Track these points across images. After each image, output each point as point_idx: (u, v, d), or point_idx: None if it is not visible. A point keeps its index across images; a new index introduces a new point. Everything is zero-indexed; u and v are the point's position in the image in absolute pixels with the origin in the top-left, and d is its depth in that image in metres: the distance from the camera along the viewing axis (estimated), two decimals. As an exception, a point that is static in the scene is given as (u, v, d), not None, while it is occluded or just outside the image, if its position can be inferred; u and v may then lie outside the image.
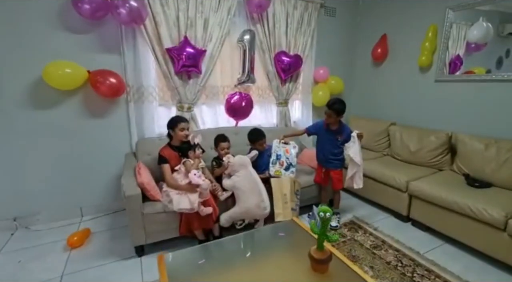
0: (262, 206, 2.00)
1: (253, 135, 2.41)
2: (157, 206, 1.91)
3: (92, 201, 2.54)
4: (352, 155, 2.14)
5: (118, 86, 2.30)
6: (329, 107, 2.16)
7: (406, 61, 3.09)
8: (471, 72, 2.59)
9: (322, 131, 2.32)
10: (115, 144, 2.53)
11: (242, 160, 2.12)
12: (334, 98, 2.19)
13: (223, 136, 2.32)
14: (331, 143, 2.27)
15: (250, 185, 2.03)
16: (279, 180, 2.22)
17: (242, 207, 2.00)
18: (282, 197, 2.16)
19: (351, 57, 3.69)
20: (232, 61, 2.91)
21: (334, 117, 2.17)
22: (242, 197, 2.01)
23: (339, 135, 2.25)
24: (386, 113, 3.31)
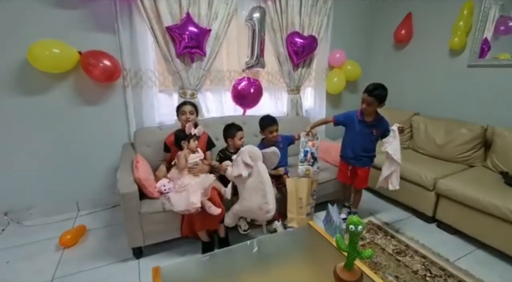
0: (265, 209, 1.68)
1: (264, 120, 2.10)
2: (155, 204, 1.71)
3: (89, 195, 2.37)
4: (392, 152, 1.86)
5: (113, 70, 2.07)
6: (369, 94, 1.84)
7: (434, 44, 2.75)
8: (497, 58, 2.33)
9: (354, 123, 1.99)
10: (112, 134, 2.32)
11: (252, 151, 1.77)
12: (374, 83, 1.87)
13: (236, 126, 2.03)
14: (364, 137, 1.97)
15: (255, 183, 1.71)
16: (296, 181, 1.96)
17: (243, 205, 1.75)
18: (297, 201, 1.94)
19: (369, 39, 3.36)
20: (240, 43, 2.63)
21: (374, 106, 1.87)
22: (244, 194, 1.74)
23: (374, 129, 1.95)
24: (408, 102, 3.01)
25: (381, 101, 1.87)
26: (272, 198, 1.72)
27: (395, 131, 1.87)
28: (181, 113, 1.92)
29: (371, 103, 1.86)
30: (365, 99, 1.87)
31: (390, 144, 1.89)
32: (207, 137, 2.06)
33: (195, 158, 1.82)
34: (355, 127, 2.00)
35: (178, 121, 2.02)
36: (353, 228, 0.96)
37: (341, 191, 2.39)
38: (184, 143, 1.82)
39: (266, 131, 2.06)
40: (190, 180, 1.74)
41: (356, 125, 2.00)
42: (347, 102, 3.44)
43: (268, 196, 1.69)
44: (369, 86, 1.87)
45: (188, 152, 1.82)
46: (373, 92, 1.84)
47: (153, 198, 1.75)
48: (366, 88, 1.89)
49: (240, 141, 1.99)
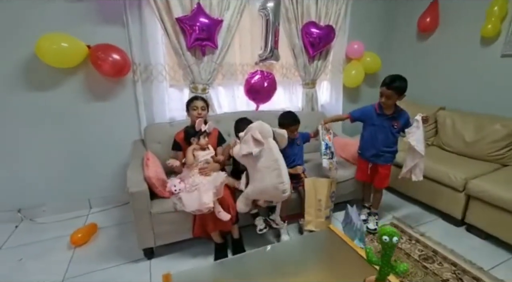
0: (281, 188, 1.54)
1: (285, 118, 1.95)
2: (166, 204, 1.64)
3: (101, 192, 2.33)
4: (414, 143, 1.74)
5: (123, 64, 1.99)
6: (388, 86, 1.73)
7: (463, 32, 2.54)
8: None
9: (373, 118, 1.88)
10: (123, 130, 2.26)
11: (262, 127, 1.60)
12: (392, 75, 1.75)
13: (247, 121, 1.91)
14: (385, 132, 1.85)
15: (267, 161, 1.55)
16: (315, 182, 1.84)
17: (256, 187, 1.60)
18: (316, 203, 1.82)
19: (390, 29, 3.15)
20: (253, 35, 2.50)
21: (394, 99, 1.76)
22: (256, 175, 1.59)
23: (395, 122, 1.83)
24: (433, 96, 2.81)
25: (401, 93, 1.75)
26: (287, 177, 1.58)
27: (419, 122, 1.75)
28: (192, 108, 1.84)
29: (390, 97, 1.75)
30: (384, 93, 1.77)
31: (413, 134, 1.77)
32: (218, 133, 1.97)
33: (205, 155, 1.73)
34: (374, 121, 1.89)
35: (188, 117, 1.93)
36: (387, 239, 0.84)
37: (359, 190, 2.25)
38: (194, 139, 1.73)
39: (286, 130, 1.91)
40: (201, 178, 1.66)
41: (374, 120, 1.89)
42: (365, 96, 3.27)
43: (283, 173, 1.55)
44: (386, 79, 1.77)
45: (197, 147, 1.73)
46: (392, 85, 1.73)
47: (164, 198, 1.68)
48: (383, 81, 1.78)
49: None
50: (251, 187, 1.62)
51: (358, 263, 1.13)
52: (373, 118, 1.89)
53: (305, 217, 1.85)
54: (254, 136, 1.53)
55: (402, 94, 1.76)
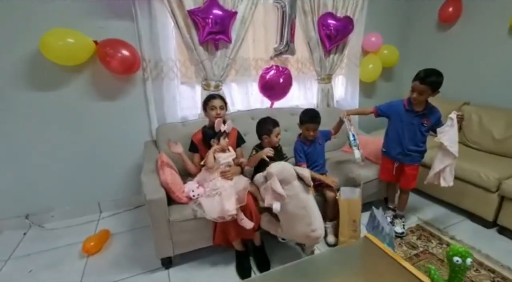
0: (314, 236, 1.46)
1: (307, 116, 1.81)
2: (185, 211, 1.54)
3: (111, 195, 2.23)
4: (448, 143, 1.61)
5: (132, 61, 1.87)
6: (421, 81, 1.60)
7: (489, 22, 2.40)
8: None
9: (400, 114, 1.77)
10: (133, 130, 2.15)
11: (282, 172, 1.43)
12: (427, 69, 1.62)
13: (272, 121, 1.77)
14: (414, 129, 1.73)
15: (295, 209, 1.44)
16: (350, 202, 1.70)
17: (286, 231, 1.53)
18: (350, 223, 1.71)
19: (408, 20, 3.00)
20: (267, 28, 2.36)
21: (427, 95, 1.63)
22: (284, 222, 1.51)
23: (425, 119, 1.71)
24: (456, 91, 2.66)
25: (435, 89, 1.62)
26: (319, 221, 1.50)
27: (453, 120, 1.62)
28: (211, 108, 1.72)
29: (423, 92, 1.62)
30: (417, 88, 1.63)
31: (446, 133, 1.64)
32: (237, 133, 1.86)
33: (227, 158, 1.62)
34: (402, 118, 1.77)
35: (206, 117, 1.81)
36: (459, 261, 0.74)
37: (383, 191, 2.15)
38: (214, 141, 1.62)
39: (303, 127, 1.83)
40: (223, 182, 1.55)
41: (403, 116, 1.77)
42: (381, 91, 3.14)
43: (314, 221, 1.45)
44: (421, 73, 1.62)
45: (218, 149, 1.62)
46: (426, 80, 1.59)
47: (182, 203, 1.58)
48: (417, 75, 1.65)
49: (277, 138, 1.76)
50: (280, 229, 1.55)
51: (400, 275, 1.03)
52: (401, 114, 1.77)
53: (339, 238, 1.75)
54: (274, 189, 1.39)
55: (436, 91, 1.63)
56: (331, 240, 1.84)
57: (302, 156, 1.82)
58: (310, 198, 1.52)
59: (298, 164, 1.79)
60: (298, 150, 1.84)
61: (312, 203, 1.52)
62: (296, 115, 2.39)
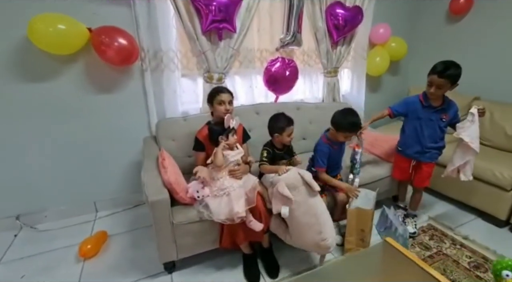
0: (325, 246, 1.38)
1: (349, 123, 1.58)
2: (190, 212, 1.43)
3: (108, 194, 2.11)
4: (468, 139, 1.55)
5: (130, 50, 1.73)
6: (440, 75, 1.51)
7: (502, 14, 2.31)
8: None
9: (417, 111, 1.69)
10: (131, 125, 2.02)
11: (287, 178, 1.37)
12: (445, 62, 1.53)
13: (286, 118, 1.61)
14: (433, 126, 1.66)
15: (304, 217, 1.37)
16: (359, 212, 1.61)
17: (295, 240, 1.47)
18: (358, 232, 1.63)
19: (417, 11, 2.89)
20: (272, 17, 2.24)
21: (446, 89, 1.56)
22: (293, 229, 1.43)
23: (444, 114, 1.64)
24: (466, 85, 2.50)
25: (454, 82, 1.55)
26: (331, 229, 1.42)
27: (474, 115, 1.56)
28: (219, 103, 1.59)
29: (442, 86, 1.54)
30: (435, 82, 1.55)
31: (467, 129, 1.58)
32: (243, 129, 1.75)
33: (235, 156, 1.51)
34: (419, 115, 1.69)
35: (211, 111, 1.69)
36: (509, 276, 0.65)
37: (392, 189, 2.08)
38: (222, 138, 1.50)
39: (340, 133, 1.61)
40: (231, 181, 1.45)
41: (420, 113, 1.69)
42: (387, 86, 3.06)
43: (325, 230, 1.37)
44: (438, 66, 1.54)
45: (226, 146, 1.51)
46: (446, 73, 1.51)
47: (185, 204, 1.47)
48: (433, 68, 1.56)
49: (289, 138, 1.60)
50: (289, 235, 1.47)
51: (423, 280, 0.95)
52: (418, 111, 1.69)
53: (345, 245, 1.67)
54: (281, 193, 1.32)
55: (455, 83, 1.55)
56: (337, 240, 1.77)
57: (324, 161, 1.66)
58: (319, 203, 1.43)
59: (316, 167, 1.68)
60: (322, 153, 1.67)
61: (322, 209, 1.43)
62: (303, 110, 2.32)
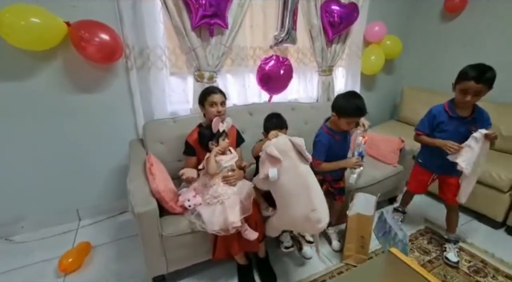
0: (314, 218, 1.20)
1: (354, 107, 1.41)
2: (180, 223, 1.33)
3: (91, 201, 1.98)
4: (463, 165, 1.38)
5: (113, 47, 1.60)
6: (477, 80, 1.30)
7: (497, 12, 2.29)
8: None
9: (444, 123, 1.50)
10: (115, 127, 1.89)
11: (277, 141, 1.24)
12: (476, 65, 1.34)
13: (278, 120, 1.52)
14: (461, 138, 1.42)
15: (292, 185, 1.22)
16: (359, 218, 1.53)
17: (282, 219, 1.30)
18: (358, 239, 1.56)
19: (411, 9, 2.85)
20: (266, 13, 2.13)
21: (482, 95, 1.37)
22: (280, 203, 1.28)
23: (474, 125, 1.43)
24: (460, 84, 2.58)
25: (491, 86, 1.35)
26: (320, 202, 1.23)
27: (477, 140, 1.35)
28: (210, 104, 1.48)
29: (480, 93, 1.34)
30: (471, 89, 1.33)
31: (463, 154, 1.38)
32: (236, 131, 1.65)
33: (229, 161, 1.41)
34: (446, 127, 1.49)
35: (202, 112, 1.58)
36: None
37: (389, 192, 2.04)
38: (213, 143, 1.40)
39: (343, 120, 1.45)
40: (225, 188, 1.35)
41: (447, 125, 1.48)
42: (382, 85, 3.02)
43: (314, 200, 1.20)
44: (471, 71, 1.32)
45: (218, 151, 1.41)
46: (484, 77, 1.30)
47: (176, 214, 1.37)
48: (465, 74, 1.35)
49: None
50: (277, 217, 1.32)
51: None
52: (445, 123, 1.49)
53: (344, 252, 1.61)
54: (269, 153, 1.18)
55: (491, 88, 1.35)
56: (336, 246, 1.71)
57: (322, 154, 1.51)
58: (311, 176, 1.26)
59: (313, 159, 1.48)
60: (320, 144, 1.51)
61: (313, 181, 1.25)
62: (298, 110, 2.24)
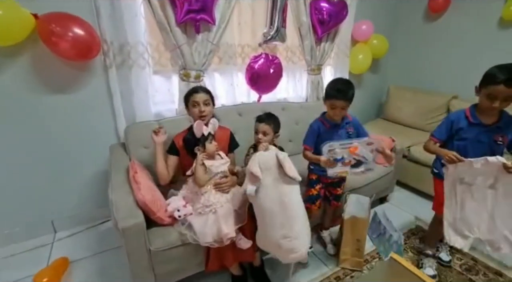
0: (287, 246, 1.14)
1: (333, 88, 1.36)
2: (170, 235, 1.23)
3: (68, 210, 1.82)
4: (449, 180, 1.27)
5: (89, 43, 1.46)
6: (507, 84, 1.11)
7: (479, 13, 2.35)
8: None
9: (463, 129, 1.31)
10: (94, 131, 1.74)
11: (261, 154, 1.20)
12: (502, 67, 1.15)
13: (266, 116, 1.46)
14: (482, 149, 1.25)
15: (271, 203, 1.15)
16: (355, 221, 1.50)
17: (260, 238, 1.24)
18: (354, 242, 1.53)
19: (397, 8, 2.88)
20: (254, 9, 2.05)
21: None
22: (259, 221, 1.23)
23: (500, 135, 1.24)
24: (444, 84, 2.64)
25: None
26: (300, 230, 1.16)
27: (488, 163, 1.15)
28: (192, 104, 1.39)
29: (509, 98, 1.15)
30: (501, 93, 1.14)
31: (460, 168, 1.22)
32: (230, 134, 1.55)
33: (220, 166, 1.32)
34: (465, 135, 1.31)
35: (189, 115, 1.48)
36: None
37: (381, 191, 2.03)
38: (199, 149, 1.31)
39: (327, 104, 1.39)
40: (218, 197, 1.27)
41: (466, 132, 1.31)
42: (369, 84, 3.04)
43: (294, 226, 1.14)
44: (500, 74, 1.13)
45: (206, 157, 1.31)
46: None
47: (164, 225, 1.27)
48: (492, 77, 1.16)
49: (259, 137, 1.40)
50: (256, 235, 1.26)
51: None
52: (463, 130, 1.31)
53: (340, 256, 1.57)
54: (250, 170, 1.13)
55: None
56: (331, 250, 1.68)
57: (310, 139, 1.46)
58: (294, 195, 1.20)
59: (303, 145, 1.48)
60: (310, 129, 1.48)
61: (295, 201, 1.19)
62: (288, 110, 2.18)
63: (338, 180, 1.58)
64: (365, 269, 1.57)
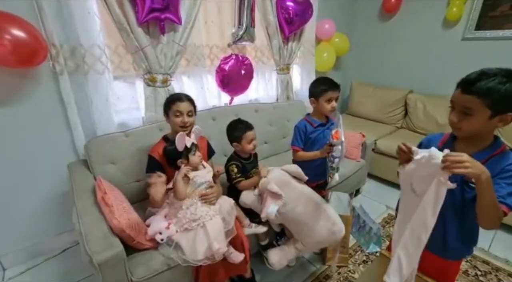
0: (336, 230, 1.31)
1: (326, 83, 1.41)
2: (153, 259, 1.11)
3: (20, 242, 1.55)
4: None
5: (33, 46, 1.24)
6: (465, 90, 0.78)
7: (425, 13, 2.57)
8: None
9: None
10: (45, 148, 1.50)
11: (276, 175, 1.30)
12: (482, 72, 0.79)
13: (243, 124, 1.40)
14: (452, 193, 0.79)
15: (309, 208, 1.28)
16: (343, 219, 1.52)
17: (309, 242, 1.35)
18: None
19: (354, 8, 3.01)
20: (220, 8, 1.96)
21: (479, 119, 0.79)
22: (303, 229, 1.32)
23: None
24: (401, 79, 2.84)
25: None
26: (334, 213, 1.34)
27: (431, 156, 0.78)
28: (174, 114, 1.27)
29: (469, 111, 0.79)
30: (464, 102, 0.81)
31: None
32: (207, 143, 1.46)
33: (205, 176, 1.23)
34: None
35: (168, 123, 1.35)
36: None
37: (355, 185, 2.12)
38: (182, 161, 1.20)
39: (323, 99, 1.39)
40: (205, 209, 1.17)
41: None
42: (333, 81, 3.13)
43: (330, 214, 1.32)
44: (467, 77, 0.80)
45: (189, 169, 1.21)
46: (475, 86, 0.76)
47: (145, 249, 1.14)
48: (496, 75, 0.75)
49: (250, 145, 1.38)
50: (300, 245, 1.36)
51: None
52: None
53: (327, 254, 1.59)
54: (270, 190, 1.21)
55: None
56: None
57: (299, 139, 1.46)
58: (314, 193, 1.37)
59: (292, 147, 1.49)
60: (297, 129, 1.47)
61: (319, 197, 1.36)
62: (261, 111, 2.14)
63: (324, 182, 1.60)
64: (350, 264, 1.62)
